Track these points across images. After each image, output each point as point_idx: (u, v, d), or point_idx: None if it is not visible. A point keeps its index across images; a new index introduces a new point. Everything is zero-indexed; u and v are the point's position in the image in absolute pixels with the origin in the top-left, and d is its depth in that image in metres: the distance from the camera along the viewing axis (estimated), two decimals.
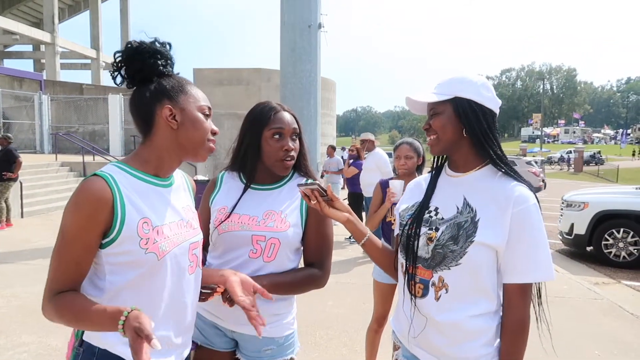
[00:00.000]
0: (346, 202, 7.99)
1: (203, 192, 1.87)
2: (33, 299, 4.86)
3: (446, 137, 1.43)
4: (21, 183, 9.87)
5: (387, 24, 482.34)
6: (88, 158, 14.17)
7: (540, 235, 1.35)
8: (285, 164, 1.69)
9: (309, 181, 1.63)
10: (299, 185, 1.48)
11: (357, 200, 7.83)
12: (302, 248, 1.77)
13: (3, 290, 5.18)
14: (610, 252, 7.45)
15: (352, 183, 8.11)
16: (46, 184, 12.04)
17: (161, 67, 1.32)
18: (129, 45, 1.30)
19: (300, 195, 1.72)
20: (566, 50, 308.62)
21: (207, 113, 1.37)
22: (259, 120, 1.71)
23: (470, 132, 1.40)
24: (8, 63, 36.09)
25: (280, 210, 1.69)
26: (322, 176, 10.02)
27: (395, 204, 3.10)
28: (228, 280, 1.43)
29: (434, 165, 1.56)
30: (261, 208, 1.70)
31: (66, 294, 1.21)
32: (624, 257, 7.39)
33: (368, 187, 7.00)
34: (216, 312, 1.73)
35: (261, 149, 1.70)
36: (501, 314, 1.42)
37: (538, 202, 1.38)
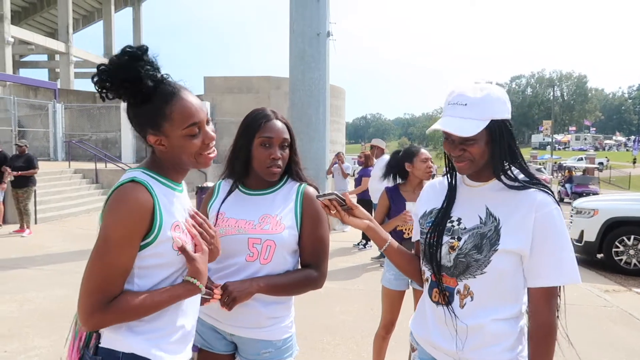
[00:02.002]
0: None
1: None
2: (46, 304, 4.94)
3: (482, 161, 1.41)
4: (35, 190, 10.01)
5: (395, 30, 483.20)
6: (100, 165, 14.36)
7: (564, 239, 1.35)
8: (271, 171, 1.74)
9: (302, 201, 1.71)
10: (318, 196, 1.53)
11: (366, 207, 7.86)
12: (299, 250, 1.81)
13: (16, 295, 5.26)
14: (621, 260, 7.38)
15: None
16: (59, 191, 12.20)
17: (134, 96, 1.26)
18: (99, 75, 1.25)
19: (294, 198, 1.78)
20: (577, 56, 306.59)
21: (196, 131, 1.31)
22: (251, 127, 1.76)
23: (502, 152, 1.39)
24: (24, 72, 36.68)
25: (276, 214, 1.74)
26: (331, 175, 10.03)
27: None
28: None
29: (451, 174, 1.54)
30: (257, 212, 1.75)
31: (121, 296, 1.24)
32: (634, 264, 7.32)
33: (376, 192, 6.99)
34: (215, 315, 1.77)
35: (251, 155, 1.76)
36: (523, 318, 1.42)
37: (560, 206, 1.39)
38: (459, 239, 1.42)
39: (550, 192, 1.39)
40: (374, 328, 3.29)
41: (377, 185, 6.93)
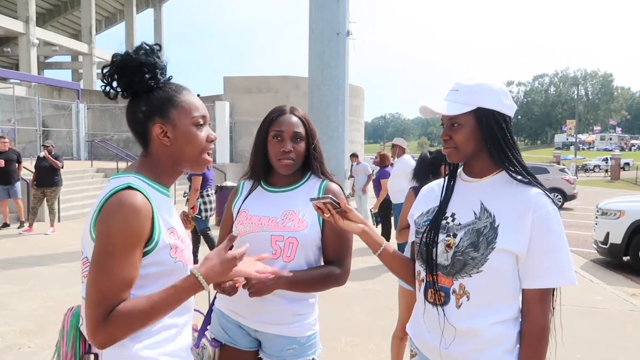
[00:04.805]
0: (375, 210, 7.96)
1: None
2: (68, 300, 5.02)
3: (467, 150, 1.42)
4: None
5: (415, 30, 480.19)
6: (122, 164, 14.57)
7: (561, 240, 1.34)
8: (282, 163, 1.74)
9: (322, 195, 1.69)
10: (312, 199, 1.50)
11: (386, 207, 7.80)
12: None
13: (40, 292, 5.37)
14: None
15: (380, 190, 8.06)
16: (82, 190, 12.42)
17: (150, 81, 1.27)
18: (115, 60, 1.27)
19: (316, 195, 1.76)
20: (602, 54, 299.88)
21: (201, 123, 1.33)
22: (265, 123, 1.80)
23: (493, 145, 1.39)
24: (48, 73, 37.50)
25: (298, 210, 1.73)
26: (351, 177, 10.02)
27: None
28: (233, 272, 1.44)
29: (448, 171, 1.55)
30: (280, 209, 1.75)
31: (121, 305, 1.16)
32: None
33: (396, 193, 6.93)
34: (240, 312, 1.77)
35: (267, 150, 1.77)
36: (521, 320, 1.40)
37: (557, 206, 1.38)
38: (455, 235, 1.41)
39: (547, 193, 1.37)
40: (393, 328, 3.25)
41: (398, 186, 6.86)
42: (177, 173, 1.37)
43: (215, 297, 1.87)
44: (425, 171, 3.31)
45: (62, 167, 9.19)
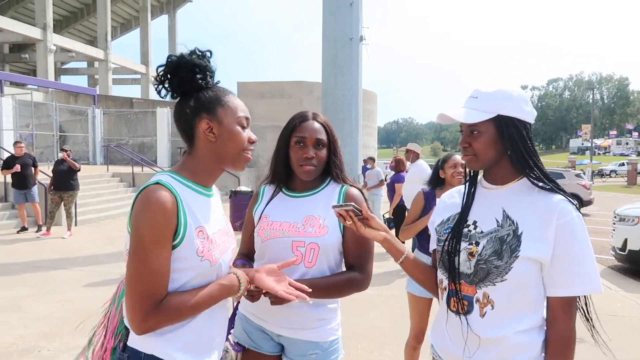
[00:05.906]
0: (388, 215, 7.92)
1: (248, 202, 1.96)
2: (86, 304, 5.07)
3: (487, 158, 1.40)
4: None
5: (428, 35, 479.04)
6: (137, 169, 14.75)
7: (586, 247, 1.32)
8: (304, 169, 1.74)
9: (343, 200, 1.70)
10: (334, 206, 1.50)
11: (402, 213, 7.76)
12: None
13: (57, 295, 5.43)
14: None
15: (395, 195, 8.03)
16: (98, 194, 12.57)
17: (200, 81, 1.35)
18: (170, 60, 1.35)
19: (336, 200, 1.77)
20: (618, 58, 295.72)
21: (245, 124, 1.41)
22: (287, 128, 1.81)
23: (514, 152, 1.37)
24: (65, 79, 38.13)
25: (319, 215, 1.74)
26: (364, 185, 10.00)
27: None
28: (255, 279, 1.47)
29: (469, 177, 1.53)
30: (301, 214, 1.75)
31: (169, 297, 1.25)
32: None
33: (410, 198, 6.88)
34: (263, 316, 1.78)
35: (289, 155, 1.78)
36: (545, 327, 1.38)
37: (580, 213, 1.36)
38: (477, 243, 1.39)
39: (570, 200, 1.35)
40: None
41: (413, 191, 6.81)
42: (218, 172, 1.42)
43: (239, 302, 1.87)
44: (434, 181, 3.44)
45: (80, 170, 9.32)
